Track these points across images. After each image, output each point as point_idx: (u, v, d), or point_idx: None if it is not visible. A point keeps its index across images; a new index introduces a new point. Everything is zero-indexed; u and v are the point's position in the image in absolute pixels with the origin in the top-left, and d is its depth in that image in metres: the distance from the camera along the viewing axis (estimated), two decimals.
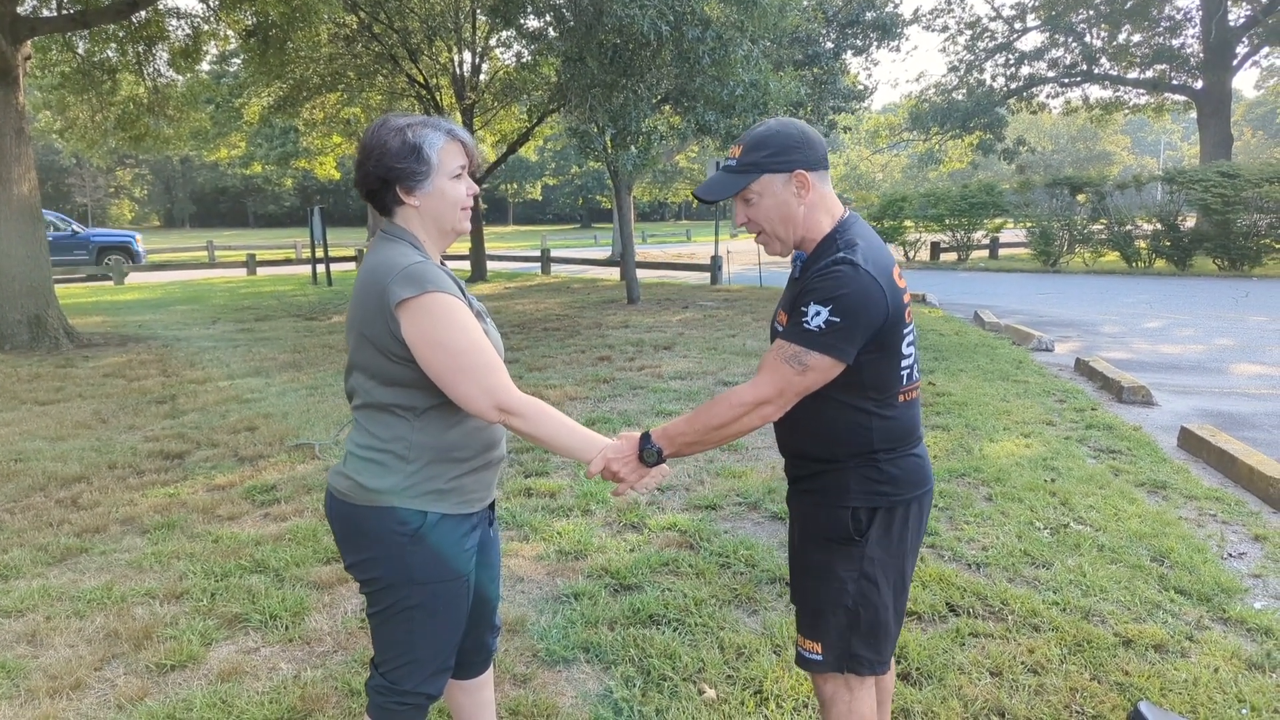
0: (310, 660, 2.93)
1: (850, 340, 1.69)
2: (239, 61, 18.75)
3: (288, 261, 25.89)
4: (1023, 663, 2.86)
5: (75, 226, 22.68)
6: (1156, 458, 5.25)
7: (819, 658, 1.88)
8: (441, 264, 1.85)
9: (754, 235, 1.86)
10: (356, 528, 1.77)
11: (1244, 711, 2.59)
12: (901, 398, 1.83)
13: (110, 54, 12.96)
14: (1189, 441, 5.54)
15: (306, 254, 24.50)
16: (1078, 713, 2.59)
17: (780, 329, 1.81)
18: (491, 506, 1.98)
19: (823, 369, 1.71)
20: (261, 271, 23.53)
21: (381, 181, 1.73)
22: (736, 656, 2.91)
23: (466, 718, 2.16)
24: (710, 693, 2.70)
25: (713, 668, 2.83)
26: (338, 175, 28.97)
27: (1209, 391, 7.29)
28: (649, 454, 1.81)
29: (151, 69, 13.45)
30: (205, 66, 19.87)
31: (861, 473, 1.82)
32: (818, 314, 1.69)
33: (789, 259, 1.96)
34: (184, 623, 3.17)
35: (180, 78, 14.55)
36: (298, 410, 6.62)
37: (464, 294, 1.78)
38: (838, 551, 1.84)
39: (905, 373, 1.82)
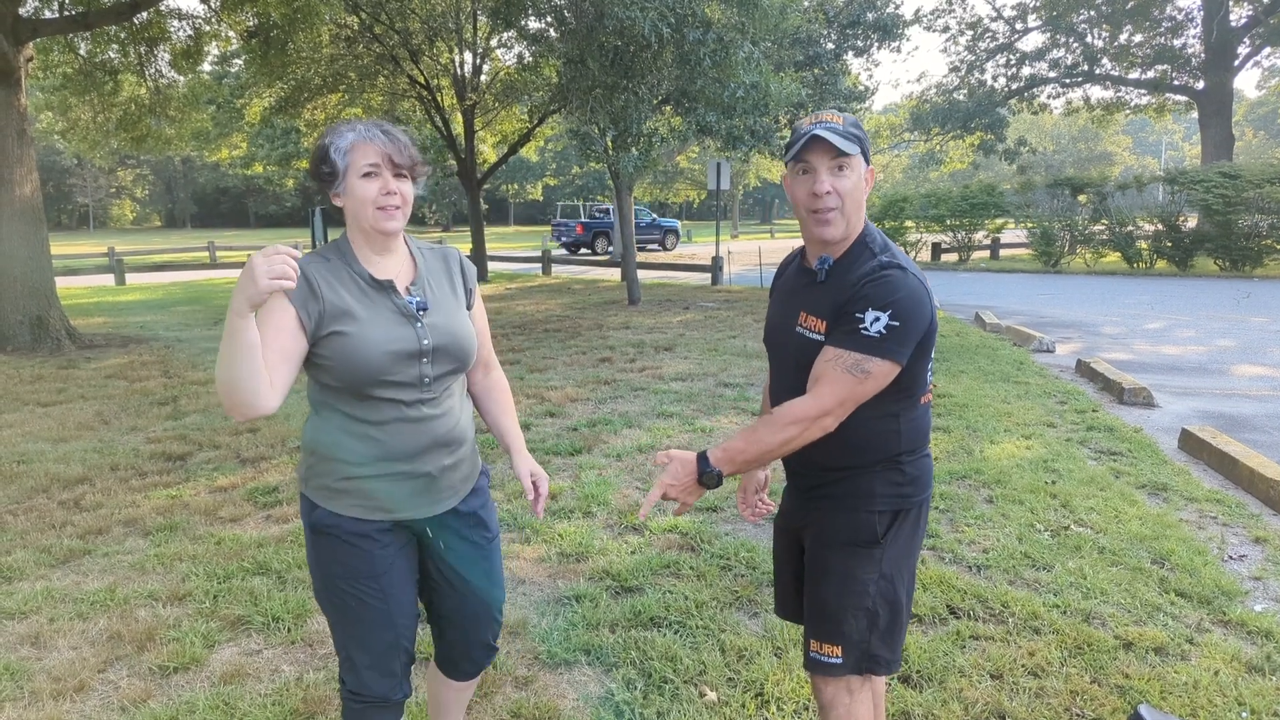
0: (312, 662, 2.94)
1: (906, 344, 1.71)
2: (240, 62, 18.77)
3: None
4: (1023, 665, 2.86)
5: (653, 215, 32.52)
6: (1157, 460, 5.26)
7: (838, 660, 1.86)
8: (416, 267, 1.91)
9: (821, 210, 1.75)
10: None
11: (1244, 715, 2.59)
12: (923, 399, 1.86)
13: (112, 55, 12.98)
14: (1190, 443, 5.54)
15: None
16: (1078, 716, 2.60)
17: (820, 336, 1.78)
18: (458, 514, 1.93)
19: (883, 374, 1.71)
20: None
21: (318, 187, 1.83)
22: (738, 659, 2.91)
23: (441, 706, 2.18)
24: (711, 695, 2.70)
25: (714, 670, 2.84)
26: None
27: (1210, 393, 7.30)
28: (709, 477, 1.78)
29: (153, 70, 13.47)
30: (207, 67, 19.89)
31: (886, 476, 1.83)
32: (876, 319, 1.69)
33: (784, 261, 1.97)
34: (186, 625, 3.18)
35: (182, 78, 14.57)
36: (300, 412, 6.63)
37: (338, 294, 1.75)
38: (859, 554, 1.84)
39: (929, 375, 1.86)
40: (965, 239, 22.97)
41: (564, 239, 31.70)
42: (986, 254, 23.85)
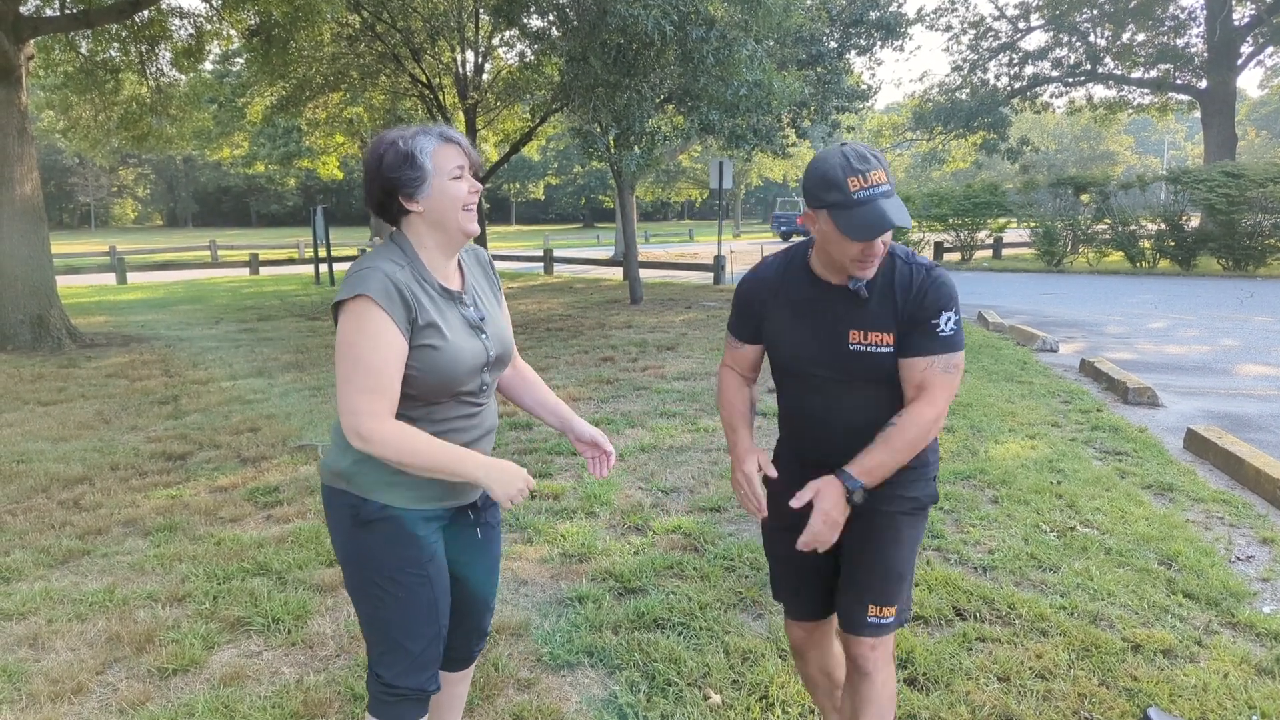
0: (313, 664, 2.91)
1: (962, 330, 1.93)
2: (241, 61, 18.74)
3: (290, 261, 25.91)
4: (1030, 668, 2.83)
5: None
6: (1163, 459, 5.22)
7: (890, 620, 1.99)
8: (468, 274, 1.91)
9: (868, 262, 1.82)
10: (325, 505, 1.88)
11: (1255, 718, 2.56)
12: None
13: (113, 53, 12.97)
14: (1195, 443, 5.51)
15: (309, 254, 24.51)
16: (1086, 718, 2.57)
17: (890, 348, 1.88)
18: (476, 508, 1.98)
19: (962, 365, 1.93)
20: (264, 271, 23.55)
21: (385, 194, 1.78)
22: (742, 661, 2.89)
23: (438, 704, 2.15)
24: (715, 698, 2.68)
25: (718, 672, 2.81)
26: (341, 175, 28.99)
27: (1214, 393, 7.26)
28: (857, 493, 1.88)
29: (154, 68, 13.45)
30: (208, 66, 19.89)
31: (934, 444, 2.05)
32: (948, 320, 1.87)
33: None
34: (186, 626, 3.16)
35: (183, 77, 14.56)
36: (300, 411, 6.61)
37: (422, 306, 1.76)
38: (920, 517, 2.02)
39: None
40: (968, 238, 22.92)
41: (784, 229, 39.63)
42: (989, 253, 23.80)
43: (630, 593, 3.43)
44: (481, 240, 19.47)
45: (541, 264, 22.42)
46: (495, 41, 17.56)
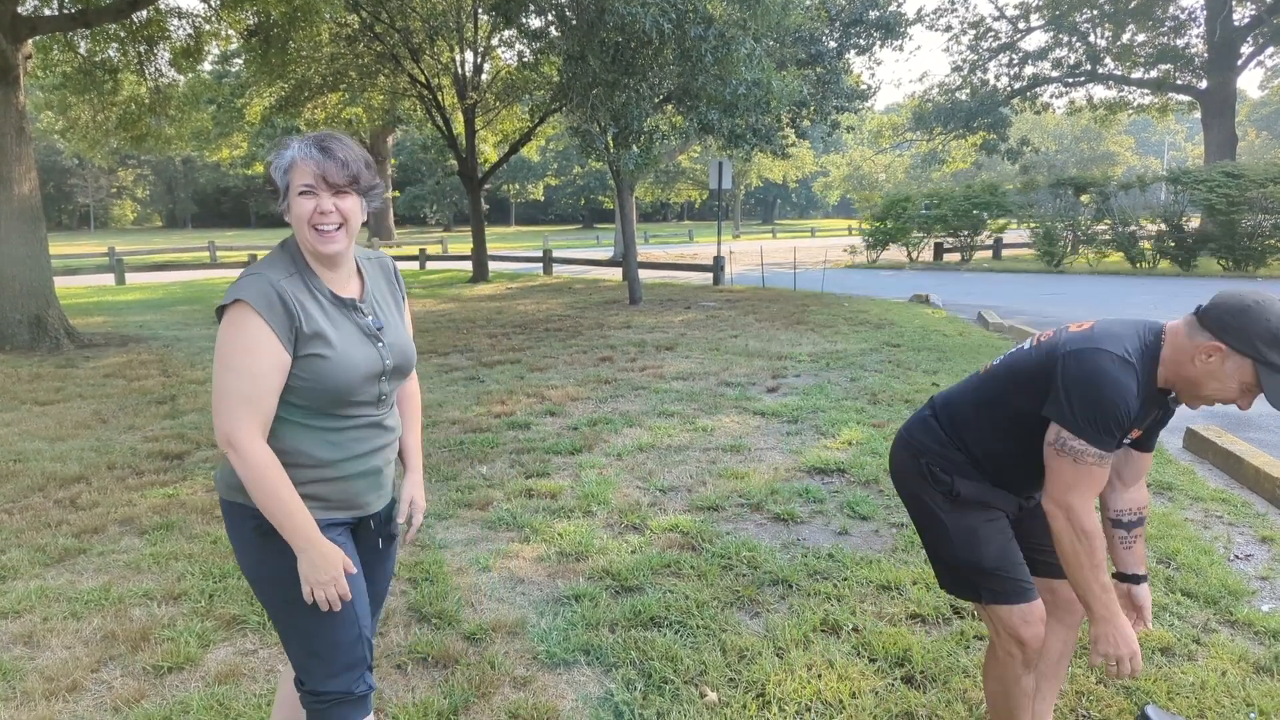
0: None
1: None
2: (240, 61, 18.75)
3: None
4: None
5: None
6: (1162, 459, 5.21)
7: None
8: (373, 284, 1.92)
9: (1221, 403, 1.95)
10: (225, 518, 1.86)
11: (1252, 715, 2.55)
12: None
13: (112, 54, 12.97)
14: (1194, 442, 5.50)
15: None
16: (1084, 716, 2.56)
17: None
18: (378, 519, 1.95)
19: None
20: None
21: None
22: (739, 659, 2.88)
23: (293, 712, 2.11)
24: (712, 696, 2.67)
25: (714, 670, 2.80)
26: None
27: None
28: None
29: (153, 69, 13.45)
30: (207, 66, 19.88)
31: None
32: None
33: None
34: (181, 624, 3.15)
35: (182, 78, 14.56)
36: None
37: (309, 315, 1.74)
38: None
39: None
40: (968, 239, 22.92)
41: None
42: (989, 254, 23.80)
43: (627, 591, 3.42)
44: (481, 240, 19.48)
45: (540, 264, 22.42)
46: (494, 41, 17.58)
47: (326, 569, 1.73)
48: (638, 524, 4.15)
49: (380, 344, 1.84)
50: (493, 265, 21.87)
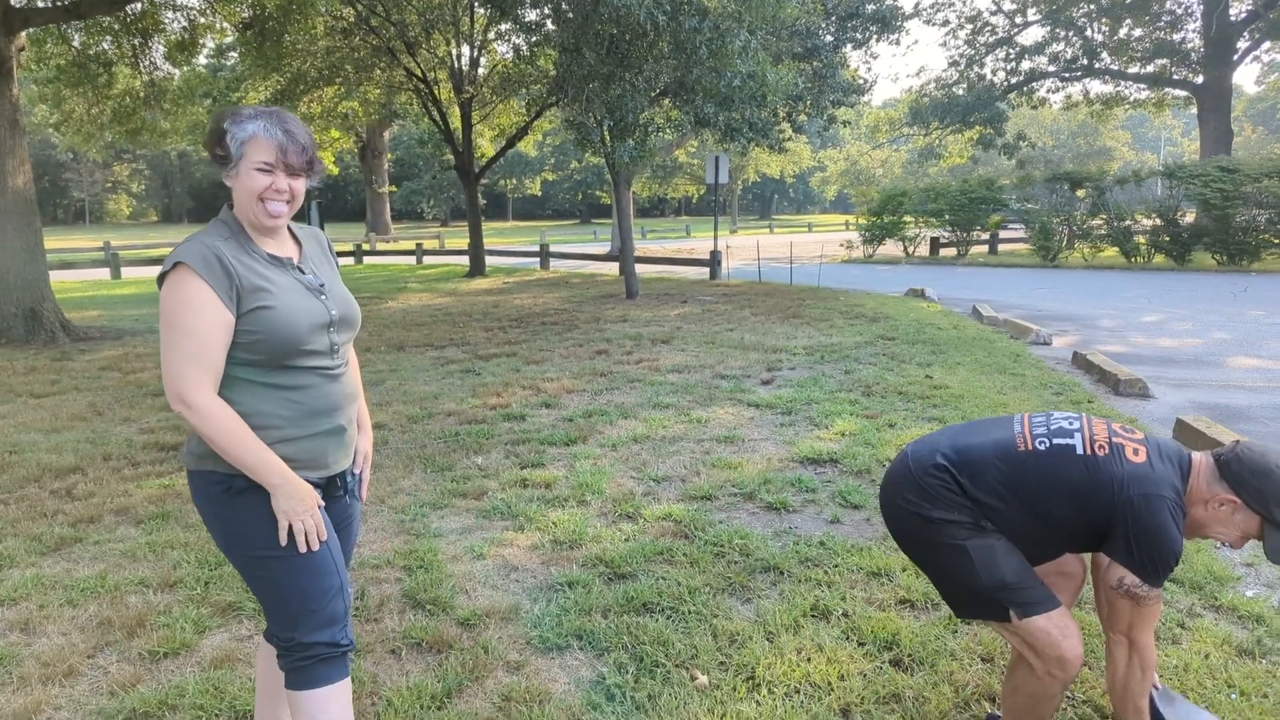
0: None
1: None
2: (235, 55, 18.71)
3: None
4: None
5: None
6: None
7: None
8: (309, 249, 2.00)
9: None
10: (193, 491, 1.89)
11: (1233, 696, 2.59)
12: None
13: (106, 46, 12.94)
14: (1184, 433, 5.54)
15: None
16: (1069, 698, 2.59)
17: None
18: (344, 477, 2.01)
19: None
20: None
21: (212, 158, 1.85)
22: (729, 643, 2.91)
23: (272, 687, 2.15)
24: (702, 679, 2.70)
25: (705, 654, 2.83)
26: (336, 170, 28.95)
27: (1205, 384, 7.29)
28: None
29: (148, 62, 13.42)
30: (202, 60, 19.83)
31: None
32: None
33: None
34: (177, 611, 3.17)
35: (177, 71, 14.53)
36: None
37: (250, 271, 1.80)
38: None
39: None
40: (964, 234, 22.95)
41: None
42: (985, 248, 23.84)
43: (620, 578, 3.45)
44: (478, 235, 19.48)
45: (538, 259, 22.43)
46: (490, 35, 17.55)
47: (303, 500, 1.80)
48: (631, 513, 4.18)
49: (323, 296, 1.92)
50: (489, 260, 21.87)
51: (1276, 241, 18.32)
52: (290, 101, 17.25)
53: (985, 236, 23.68)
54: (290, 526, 1.81)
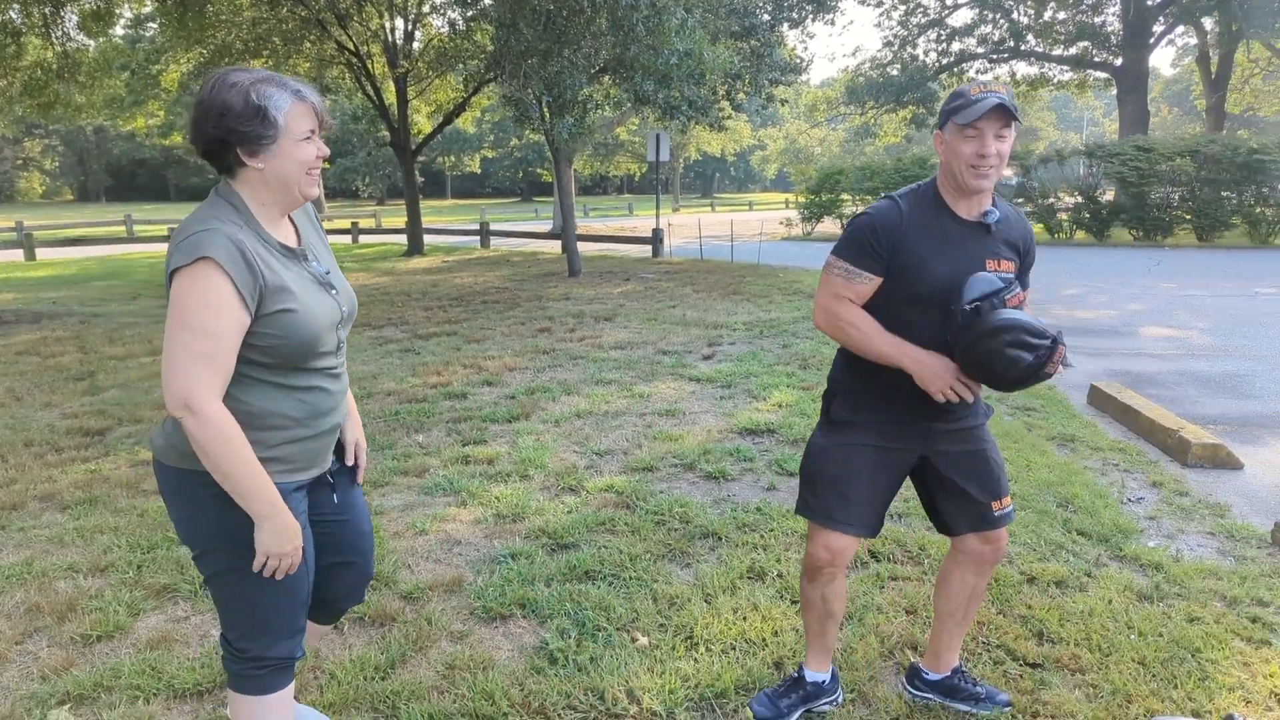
0: None
1: None
2: (155, 25, 17.95)
3: None
4: None
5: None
6: (1068, 414, 5.52)
7: (1012, 508, 2.32)
8: (301, 236, 1.86)
9: (981, 166, 2.03)
10: (170, 489, 1.77)
11: (1132, 637, 2.78)
12: None
13: (14, 15, 12.29)
14: (1097, 398, 5.83)
15: None
16: (984, 643, 2.76)
17: (1012, 275, 2.12)
18: (334, 472, 1.97)
19: None
20: None
21: (221, 143, 1.66)
22: (669, 606, 3.00)
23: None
24: (643, 640, 2.79)
25: (646, 617, 2.92)
26: None
27: (1119, 353, 7.66)
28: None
29: (60, 33, 12.80)
30: (119, 31, 18.98)
31: None
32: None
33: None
34: (110, 595, 3.13)
35: (92, 42, 13.89)
36: None
37: (270, 269, 1.68)
38: (987, 428, 2.33)
39: None
40: None
41: None
42: None
43: (563, 548, 3.51)
44: (415, 213, 19.16)
45: (478, 238, 22.17)
46: (425, 8, 17.19)
47: (289, 539, 1.70)
48: (574, 486, 4.24)
49: (333, 290, 1.83)
50: (428, 239, 21.55)
51: (1188, 218, 19.18)
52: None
53: None
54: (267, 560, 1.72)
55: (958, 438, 2.24)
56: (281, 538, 1.69)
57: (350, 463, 2.04)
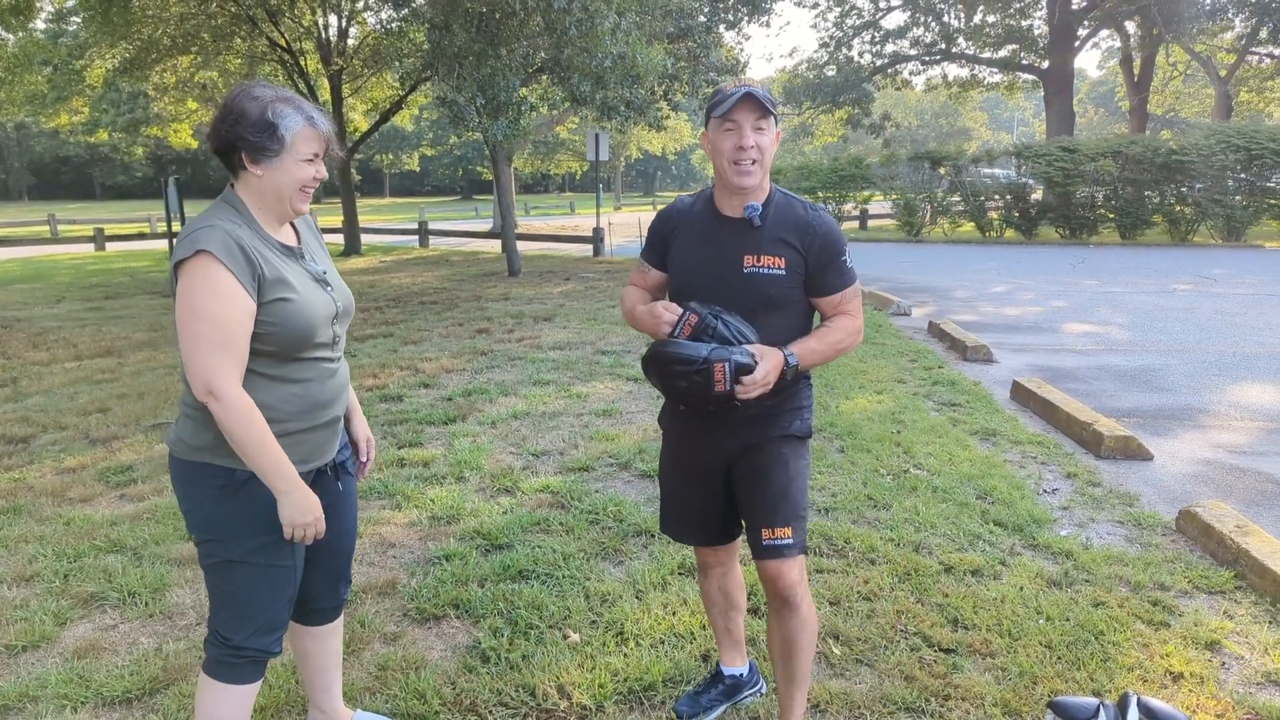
0: (172, 634, 2.91)
1: None
2: (79, 20, 17.34)
3: (141, 236, 24.28)
4: (858, 591, 3.15)
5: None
6: (990, 409, 5.75)
7: (789, 541, 2.11)
8: (299, 237, 1.99)
9: (743, 162, 2.02)
10: (180, 480, 1.89)
11: (1041, 622, 2.95)
12: None
13: None
14: (1019, 393, 6.09)
15: (162, 228, 23.03)
16: (902, 631, 2.90)
17: (781, 270, 2.07)
18: (336, 465, 2.06)
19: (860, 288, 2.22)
20: (111, 247, 22.01)
21: (231, 146, 1.80)
22: (601, 603, 3.08)
23: (313, 665, 2.24)
24: (574, 637, 2.86)
25: (578, 614, 2.99)
26: (195, 144, 27.28)
27: (1042, 349, 7.98)
28: (792, 369, 2.04)
29: None
30: (40, 25, 18.29)
31: (806, 383, 2.24)
32: (848, 257, 2.16)
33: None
34: (35, 604, 3.08)
35: (11, 37, 13.37)
36: (155, 390, 6.35)
37: (267, 261, 1.80)
38: (799, 446, 2.19)
39: None
40: (836, 210, 23.86)
41: None
42: (855, 224, 24.88)
43: (497, 549, 3.56)
44: (352, 212, 18.86)
45: (416, 237, 21.92)
46: (359, 5, 16.94)
47: (308, 510, 1.83)
48: (509, 487, 4.28)
49: (328, 287, 1.95)
50: (365, 238, 21.24)
51: (1112, 216, 19.94)
52: (141, 71, 16.18)
53: (856, 212, 24.70)
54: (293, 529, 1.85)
55: (750, 450, 2.15)
56: (302, 509, 1.82)
57: (364, 459, 2.19)
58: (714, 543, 2.32)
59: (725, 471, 2.20)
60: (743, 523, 2.25)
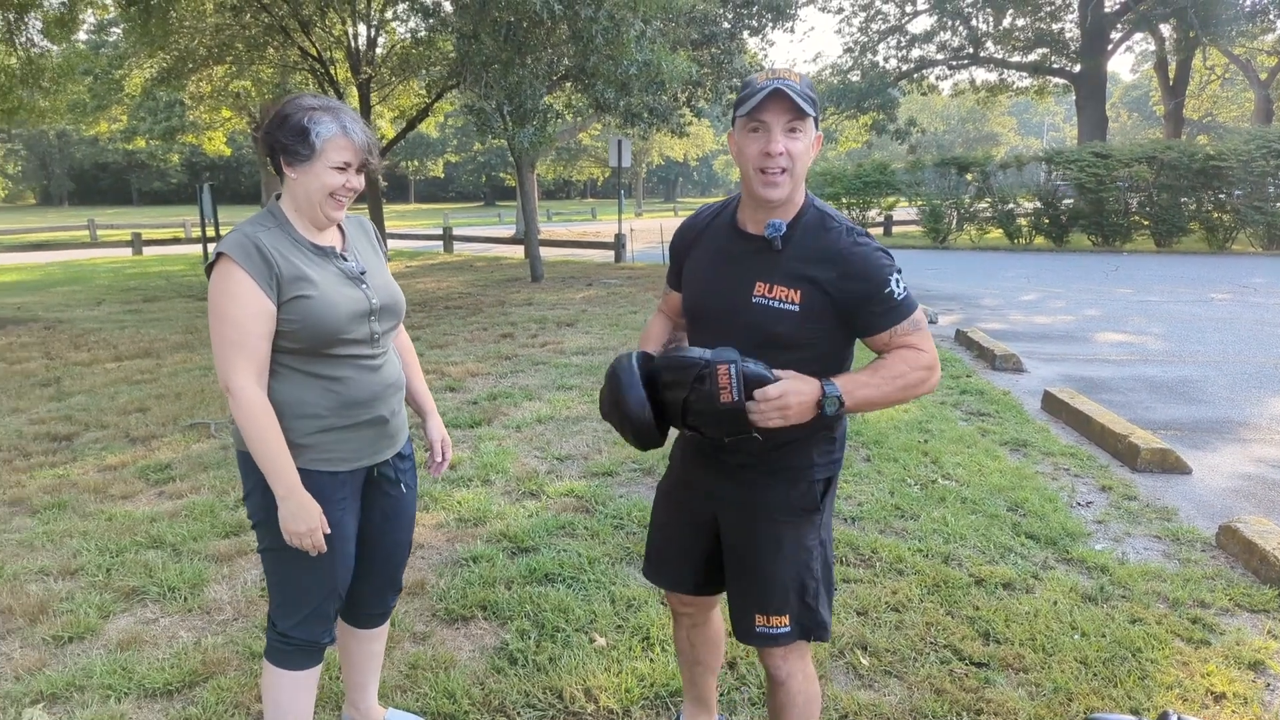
0: (210, 628, 2.98)
1: None
2: (119, 31, 17.73)
3: (176, 241, 24.74)
4: (886, 603, 3.14)
5: None
6: (1021, 419, 5.70)
7: (786, 630, 1.86)
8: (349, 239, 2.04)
9: (770, 170, 1.69)
10: (240, 467, 1.99)
11: (1076, 637, 2.92)
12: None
13: None
14: (1050, 404, 6.02)
15: (196, 233, 23.44)
16: (931, 643, 2.89)
17: (794, 306, 1.73)
18: (390, 465, 2.07)
19: (924, 317, 1.78)
20: (148, 251, 22.43)
21: (270, 148, 1.89)
22: (626, 608, 3.10)
23: (354, 664, 2.30)
24: (601, 641, 2.88)
25: (604, 619, 3.02)
26: (228, 151, 27.78)
27: (1074, 359, 7.89)
28: (830, 402, 1.66)
29: (24, 38, 12.63)
30: (82, 36, 18.73)
31: (821, 444, 1.84)
32: (895, 288, 1.72)
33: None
34: (80, 597, 3.16)
35: (55, 48, 13.70)
36: (191, 391, 6.47)
37: (288, 261, 1.85)
38: (803, 523, 1.85)
39: None
40: (859, 217, 23.74)
41: None
42: (880, 230, 24.73)
43: (523, 551, 3.59)
44: (378, 218, 19.05)
45: (441, 243, 22.11)
46: (388, 15, 17.14)
47: (304, 520, 1.85)
48: (535, 490, 4.32)
49: (364, 285, 1.97)
50: (391, 244, 21.46)
51: (1146, 223, 19.63)
52: (178, 80, 16.48)
53: (880, 219, 24.56)
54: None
55: (743, 511, 1.87)
56: (297, 518, 1.84)
57: (439, 459, 2.24)
58: (682, 589, 2.05)
59: (712, 521, 1.94)
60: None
